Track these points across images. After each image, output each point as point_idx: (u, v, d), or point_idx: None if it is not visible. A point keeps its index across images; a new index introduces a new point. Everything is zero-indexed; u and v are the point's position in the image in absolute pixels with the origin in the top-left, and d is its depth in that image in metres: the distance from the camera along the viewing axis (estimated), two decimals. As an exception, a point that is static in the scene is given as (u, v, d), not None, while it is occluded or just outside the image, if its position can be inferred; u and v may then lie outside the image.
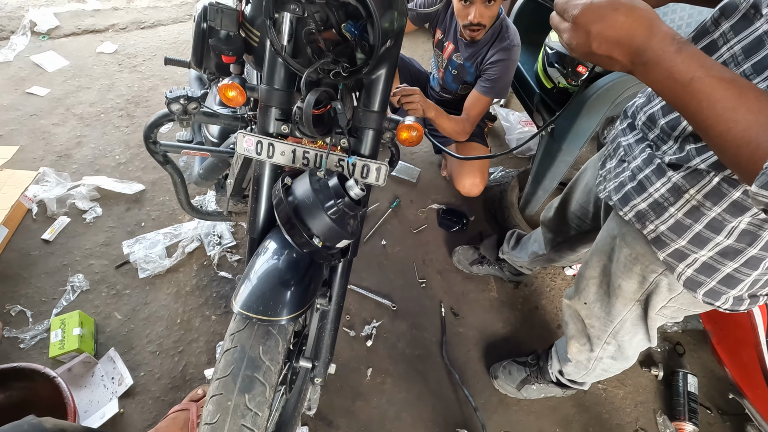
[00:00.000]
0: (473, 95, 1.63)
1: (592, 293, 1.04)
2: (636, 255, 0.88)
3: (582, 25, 0.53)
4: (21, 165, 2.05)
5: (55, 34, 2.90)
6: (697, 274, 0.77)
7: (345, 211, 0.79)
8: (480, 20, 1.45)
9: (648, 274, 0.87)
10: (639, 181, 0.81)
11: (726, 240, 0.71)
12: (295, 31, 0.86)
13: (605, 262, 0.98)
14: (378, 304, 1.70)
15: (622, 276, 0.92)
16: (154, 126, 1.09)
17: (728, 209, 0.68)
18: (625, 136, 0.89)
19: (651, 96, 0.82)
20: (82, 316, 1.51)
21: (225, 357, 0.79)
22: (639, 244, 0.86)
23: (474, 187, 1.80)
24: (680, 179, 0.73)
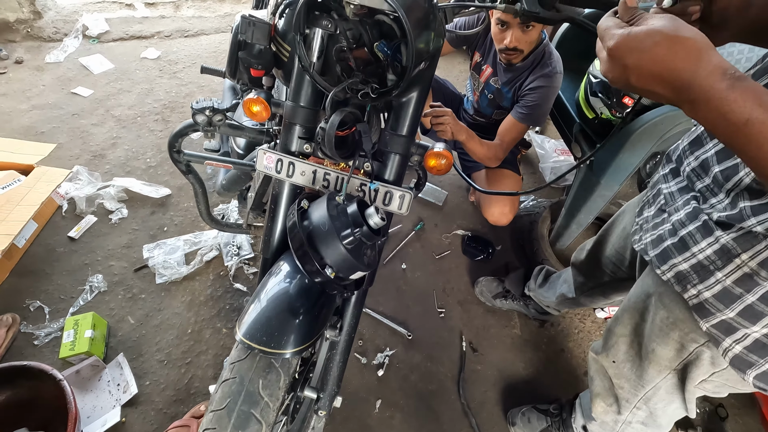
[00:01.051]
0: (508, 121, 1.56)
1: (621, 352, 0.93)
2: (674, 320, 0.77)
3: (618, 58, 0.46)
4: (57, 162, 2.10)
5: (104, 39, 3.02)
6: (747, 353, 0.66)
7: (362, 240, 0.74)
8: (516, 45, 1.40)
9: (687, 343, 0.76)
10: (681, 238, 0.71)
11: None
12: (326, 48, 0.83)
13: (638, 321, 0.87)
14: (393, 331, 1.62)
15: (657, 340, 0.82)
16: (178, 135, 1.08)
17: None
18: (667, 182, 0.79)
19: (704, 138, 0.72)
20: (96, 318, 1.51)
21: (222, 388, 0.74)
22: (678, 308, 0.76)
23: (503, 217, 1.71)
24: (730, 241, 0.63)
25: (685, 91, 0.44)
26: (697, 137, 0.73)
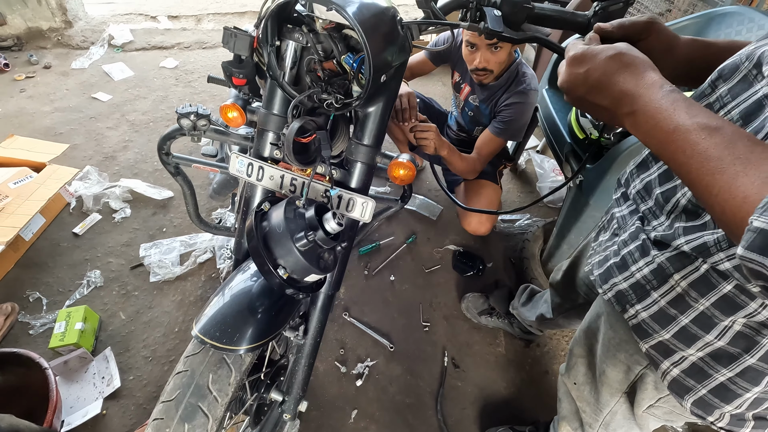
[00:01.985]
0: (485, 135, 1.60)
1: (581, 374, 0.92)
2: (619, 340, 0.76)
3: (575, 66, 0.53)
4: (71, 161, 2.21)
5: (127, 48, 3.18)
6: (684, 377, 0.64)
7: (317, 244, 0.76)
8: (485, 65, 1.46)
9: (632, 365, 0.75)
10: (622, 257, 0.71)
11: (717, 341, 0.59)
12: (299, 60, 0.87)
13: (592, 341, 0.86)
14: (375, 342, 1.63)
15: (607, 361, 0.80)
16: (166, 138, 1.13)
17: (718, 304, 0.57)
18: (619, 206, 0.79)
19: (649, 161, 0.72)
20: (88, 311, 1.56)
21: (174, 380, 0.76)
22: (623, 328, 0.75)
23: (480, 226, 1.72)
24: (664, 260, 0.63)
25: (626, 102, 0.48)
26: (643, 160, 0.73)
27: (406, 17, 0.85)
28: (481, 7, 0.83)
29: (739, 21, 1.47)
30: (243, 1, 3.83)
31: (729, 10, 1.51)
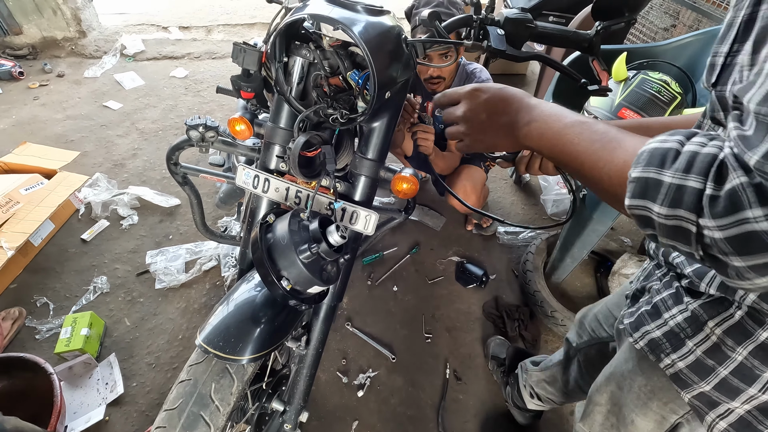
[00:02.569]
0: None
1: (597, 423, 0.89)
2: (652, 388, 0.73)
3: (476, 95, 0.63)
4: (81, 168, 2.25)
5: (139, 57, 3.25)
6: (733, 431, 0.61)
7: (321, 256, 0.77)
8: (439, 73, 1.55)
9: (667, 414, 0.71)
10: (654, 305, 0.69)
11: (761, 395, 0.56)
12: (306, 75, 0.89)
13: (614, 389, 0.83)
14: (377, 352, 1.63)
15: (636, 410, 0.77)
16: (175, 149, 1.15)
17: (756, 353, 0.55)
18: (653, 279, 0.76)
19: None
20: (94, 317, 1.58)
21: (177, 388, 0.77)
22: (656, 375, 0.72)
23: (466, 198, 1.75)
24: (698, 307, 0.61)
25: (524, 115, 0.59)
26: None
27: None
28: (485, 26, 0.85)
29: (742, 38, 1.48)
30: (252, 13, 3.90)
31: (732, 27, 1.51)
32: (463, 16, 0.86)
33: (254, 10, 3.93)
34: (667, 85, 1.38)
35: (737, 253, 0.36)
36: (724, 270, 0.38)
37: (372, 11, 0.77)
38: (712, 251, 0.38)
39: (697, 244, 0.38)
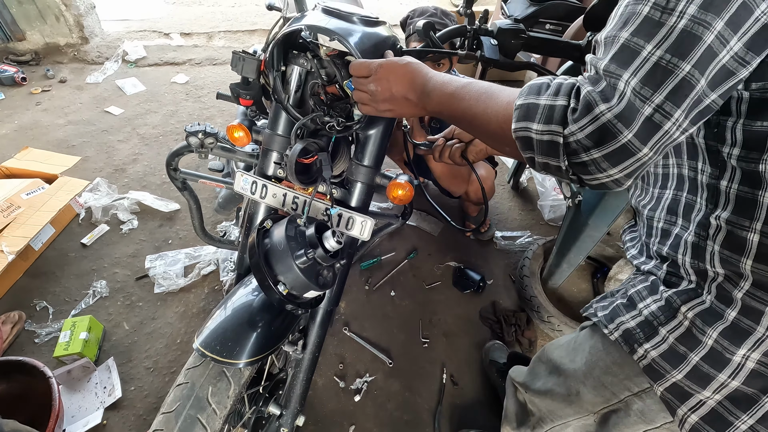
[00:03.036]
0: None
1: (539, 383, 0.92)
2: (610, 363, 0.74)
3: (383, 75, 0.71)
4: (82, 173, 2.27)
5: (141, 63, 3.28)
6: (704, 424, 0.62)
7: (317, 261, 0.78)
8: None
9: (619, 391, 0.73)
10: (629, 296, 0.71)
11: (731, 380, 0.58)
12: (303, 83, 0.91)
13: (566, 360, 0.85)
14: (374, 357, 1.64)
15: (586, 382, 0.79)
16: (175, 155, 1.17)
17: (726, 334, 0.57)
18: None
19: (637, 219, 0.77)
20: (93, 321, 1.59)
21: (175, 391, 0.78)
22: (617, 351, 0.73)
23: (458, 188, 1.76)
24: (672, 294, 0.63)
25: (425, 86, 0.69)
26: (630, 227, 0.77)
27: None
28: (478, 36, 0.87)
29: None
30: (253, 20, 3.94)
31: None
32: (456, 27, 0.88)
33: (255, 17, 3.97)
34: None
35: (596, 145, 0.47)
36: (586, 168, 0.49)
37: (367, 22, 0.79)
38: (577, 155, 0.49)
39: (564, 155, 0.50)
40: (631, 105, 0.45)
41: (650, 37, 0.46)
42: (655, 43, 0.45)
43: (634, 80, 0.46)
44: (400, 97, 0.71)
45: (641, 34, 0.46)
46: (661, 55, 0.45)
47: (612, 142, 0.46)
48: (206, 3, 4.59)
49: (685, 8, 0.44)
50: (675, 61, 0.45)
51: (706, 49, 0.44)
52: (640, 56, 0.46)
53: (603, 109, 0.46)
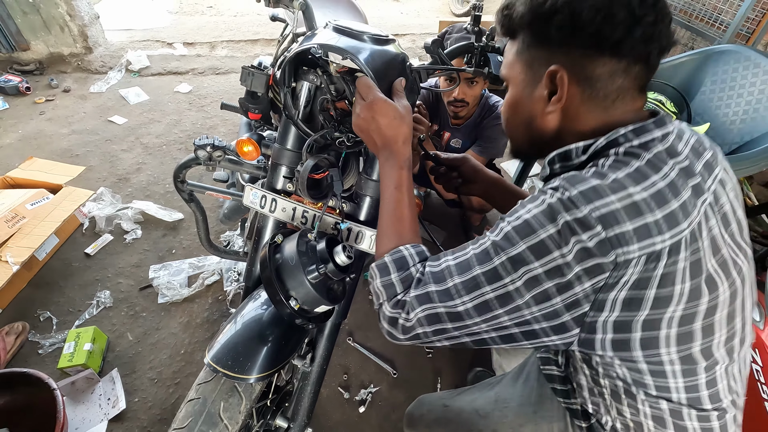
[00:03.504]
0: (469, 153, 1.69)
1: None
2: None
3: (375, 108, 0.72)
4: (86, 183, 2.27)
5: (144, 73, 3.30)
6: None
7: (328, 276, 0.79)
8: (463, 97, 1.57)
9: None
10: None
11: None
12: (312, 98, 0.92)
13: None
14: (379, 368, 1.63)
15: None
16: (182, 167, 1.18)
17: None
18: None
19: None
20: (97, 332, 1.58)
21: (186, 407, 0.78)
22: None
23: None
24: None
25: (391, 148, 0.74)
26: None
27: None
28: (485, 52, 0.88)
29: (735, 59, 1.53)
30: (256, 29, 3.97)
31: (727, 48, 1.56)
32: (464, 44, 0.90)
33: (257, 26, 4.00)
34: (662, 104, 1.42)
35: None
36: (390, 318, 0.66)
37: (378, 40, 0.80)
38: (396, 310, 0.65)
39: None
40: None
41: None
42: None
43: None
44: (373, 131, 0.73)
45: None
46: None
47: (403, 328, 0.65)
48: (208, 12, 4.64)
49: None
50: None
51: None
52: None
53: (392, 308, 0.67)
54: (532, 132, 0.66)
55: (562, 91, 0.58)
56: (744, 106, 1.47)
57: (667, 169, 0.53)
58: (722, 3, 2.24)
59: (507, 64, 0.67)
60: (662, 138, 0.56)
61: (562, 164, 0.63)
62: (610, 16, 0.53)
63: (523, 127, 0.68)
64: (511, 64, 0.65)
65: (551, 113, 0.61)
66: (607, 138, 0.57)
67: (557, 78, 0.58)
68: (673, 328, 0.54)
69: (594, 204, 0.51)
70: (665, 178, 0.52)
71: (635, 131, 0.56)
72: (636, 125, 0.56)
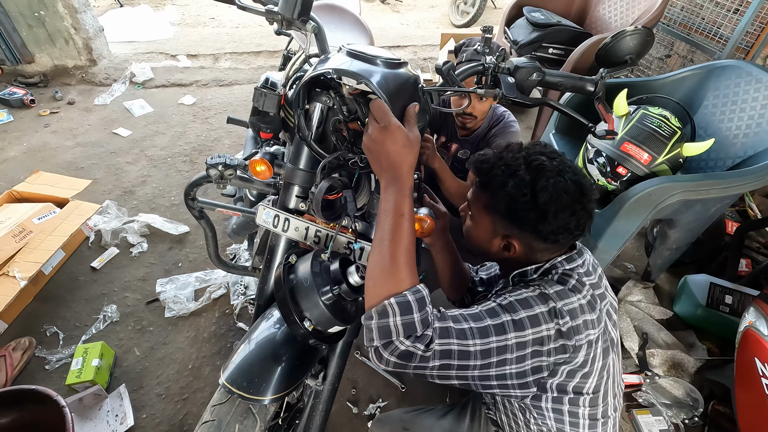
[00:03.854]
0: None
1: None
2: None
3: (387, 132, 0.73)
4: (91, 196, 2.28)
5: (148, 85, 3.33)
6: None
7: (342, 296, 0.80)
8: (472, 111, 1.56)
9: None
10: None
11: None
12: (325, 119, 0.93)
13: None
14: (387, 382, 1.63)
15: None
16: (194, 185, 1.19)
17: None
18: None
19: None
20: (104, 347, 1.58)
21: (201, 429, 0.79)
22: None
23: None
24: None
25: (397, 176, 0.74)
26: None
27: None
28: (496, 74, 0.90)
29: (737, 74, 1.55)
30: (258, 41, 4.01)
31: (728, 63, 1.58)
32: (475, 65, 0.91)
33: (260, 38, 4.04)
34: (667, 120, 1.43)
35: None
36: (377, 356, 0.70)
37: (390, 64, 0.82)
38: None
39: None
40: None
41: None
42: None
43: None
44: (382, 154, 0.74)
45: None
46: None
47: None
48: (211, 24, 4.68)
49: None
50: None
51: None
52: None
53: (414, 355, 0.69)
54: (487, 254, 0.91)
55: (514, 250, 0.85)
56: (747, 121, 1.49)
57: (587, 287, 0.79)
58: (721, 17, 2.27)
59: (476, 206, 0.90)
60: (582, 264, 0.84)
61: (519, 278, 0.88)
62: (554, 233, 0.80)
63: (478, 247, 0.93)
64: (479, 208, 0.88)
65: (504, 254, 0.87)
66: (550, 264, 0.84)
67: (511, 241, 0.84)
68: (590, 393, 0.80)
69: (563, 301, 0.76)
70: (588, 292, 0.78)
71: (566, 260, 0.84)
72: (564, 256, 0.84)
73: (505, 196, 0.82)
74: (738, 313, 1.65)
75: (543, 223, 0.79)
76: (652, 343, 1.69)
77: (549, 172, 0.80)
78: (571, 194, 0.80)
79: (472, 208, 0.92)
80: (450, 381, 0.72)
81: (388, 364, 0.70)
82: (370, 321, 0.70)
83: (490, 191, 0.85)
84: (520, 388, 0.75)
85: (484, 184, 0.87)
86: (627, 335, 1.70)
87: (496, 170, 0.84)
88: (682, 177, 1.37)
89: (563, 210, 0.79)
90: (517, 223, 0.82)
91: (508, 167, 0.82)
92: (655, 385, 1.57)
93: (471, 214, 0.94)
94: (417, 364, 0.69)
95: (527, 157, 0.83)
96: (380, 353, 0.70)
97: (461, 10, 5.00)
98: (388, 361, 0.69)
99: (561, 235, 0.80)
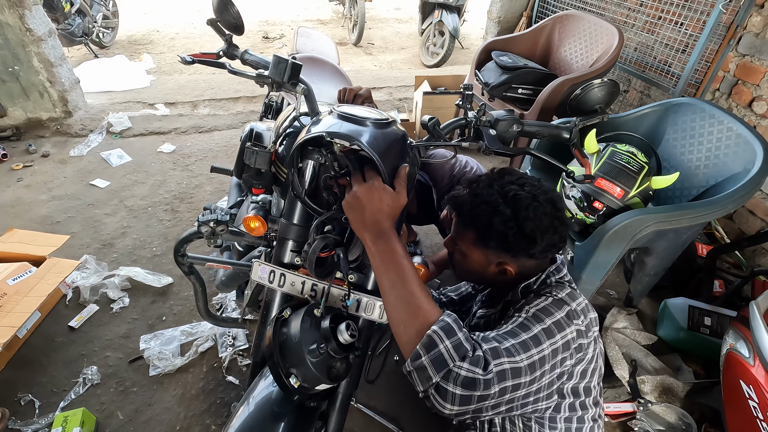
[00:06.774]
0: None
1: None
2: None
3: (372, 192, 0.80)
4: (68, 250, 2.22)
5: (126, 134, 3.32)
6: None
7: (330, 354, 0.79)
8: None
9: None
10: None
11: None
12: (317, 175, 0.96)
13: None
14: (384, 428, 1.59)
15: None
16: (184, 242, 1.19)
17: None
18: None
19: None
20: (85, 414, 1.50)
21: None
22: None
23: None
24: None
25: (382, 228, 0.79)
26: None
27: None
28: (478, 127, 0.95)
29: (692, 110, 1.68)
30: (236, 87, 4.08)
31: (682, 101, 1.72)
32: (458, 119, 0.97)
33: (238, 84, 4.12)
34: (634, 155, 1.53)
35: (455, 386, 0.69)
36: (440, 395, 0.70)
37: (379, 124, 0.86)
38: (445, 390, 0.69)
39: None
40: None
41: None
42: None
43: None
44: (367, 211, 0.79)
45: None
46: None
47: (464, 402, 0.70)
48: (188, 71, 4.75)
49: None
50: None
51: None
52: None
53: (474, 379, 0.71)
54: (482, 280, 1.09)
55: (510, 273, 0.94)
56: (705, 153, 1.61)
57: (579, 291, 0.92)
58: (671, 57, 2.48)
59: (464, 242, 0.97)
60: (566, 273, 0.97)
61: (524, 290, 0.95)
62: (544, 251, 0.91)
63: (473, 277, 1.08)
64: (468, 245, 0.96)
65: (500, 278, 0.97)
66: (545, 275, 0.94)
67: (506, 267, 0.94)
68: (595, 388, 0.89)
69: (576, 302, 0.85)
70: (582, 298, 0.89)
71: (555, 270, 0.96)
72: (552, 267, 0.96)
73: (494, 232, 0.90)
74: (718, 335, 1.71)
75: (533, 246, 0.89)
76: (642, 369, 1.73)
77: (525, 200, 0.89)
78: (549, 214, 0.89)
79: (460, 244, 0.99)
80: (498, 409, 0.73)
81: (453, 400, 0.68)
82: (420, 359, 0.70)
83: (477, 229, 0.93)
84: (547, 399, 0.80)
85: (467, 224, 0.95)
86: (617, 363, 1.72)
87: (476, 210, 0.92)
88: (655, 209, 1.45)
89: (547, 231, 0.89)
90: (510, 251, 0.92)
91: (488, 205, 0.90)
92: (649, 412, 1.59)
93: (460, 249, 1.00)
94: (481, 393, 0.68)
95: (501, 189, 0.91)
96: (443, 389, 0.69)
97: (431, 51, 5.25)
98: (453, 396, 0.68)
99: (549, 251, 0.92)
